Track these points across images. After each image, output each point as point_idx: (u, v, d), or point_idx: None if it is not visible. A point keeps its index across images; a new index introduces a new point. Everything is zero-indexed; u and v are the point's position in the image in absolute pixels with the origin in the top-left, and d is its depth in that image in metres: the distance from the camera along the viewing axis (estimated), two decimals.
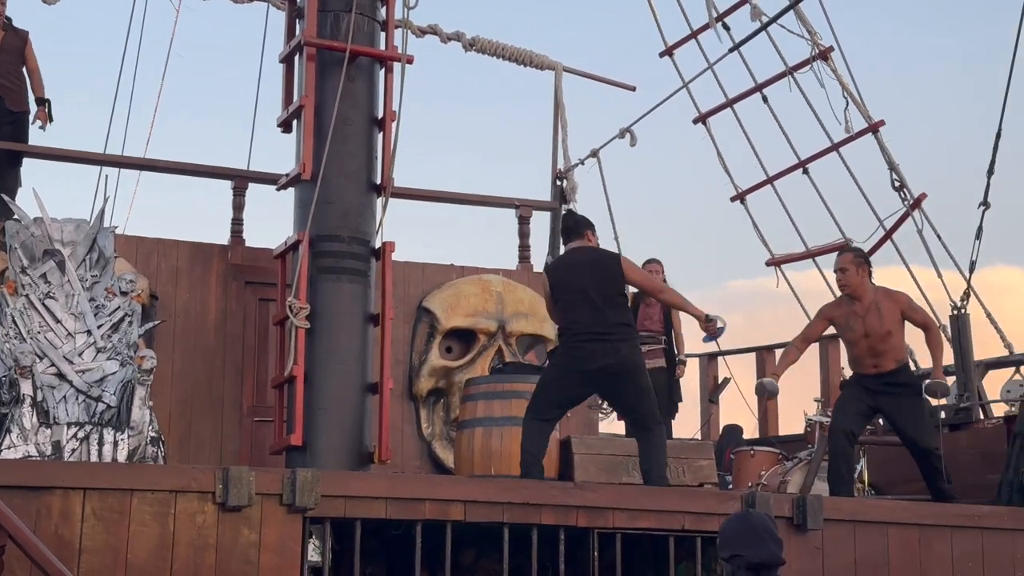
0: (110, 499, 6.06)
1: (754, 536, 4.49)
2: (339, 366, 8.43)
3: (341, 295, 8.53)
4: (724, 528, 4.63)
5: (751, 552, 4.45)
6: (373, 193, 8.86)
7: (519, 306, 10.59)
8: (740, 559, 4.46)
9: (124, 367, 7.95)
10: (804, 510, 7.39)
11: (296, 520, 6.41)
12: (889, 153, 11.54)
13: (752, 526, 4.54)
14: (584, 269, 7.76)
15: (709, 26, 12.68)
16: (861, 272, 8.67)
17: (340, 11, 8.82)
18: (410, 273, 10.43)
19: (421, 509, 6.72)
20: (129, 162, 10.85)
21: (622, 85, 12.89)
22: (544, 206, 11.88)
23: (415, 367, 10.31)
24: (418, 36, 11.80)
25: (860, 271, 8.67)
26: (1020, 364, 10.96)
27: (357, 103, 8.80)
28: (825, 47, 11.83)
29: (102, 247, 8.25)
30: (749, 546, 4.47)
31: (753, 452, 9.81)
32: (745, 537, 4.50)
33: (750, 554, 4.45)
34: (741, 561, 4.46)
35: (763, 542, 4.48)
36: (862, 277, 8.66)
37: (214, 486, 6.23)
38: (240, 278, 9.89)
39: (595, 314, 7.60)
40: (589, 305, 7.63)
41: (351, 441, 8.42)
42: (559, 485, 7.40)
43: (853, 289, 8.63)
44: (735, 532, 4.55)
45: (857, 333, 8.60)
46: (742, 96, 12.65)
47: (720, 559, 4.61)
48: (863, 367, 8.60)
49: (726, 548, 4.54)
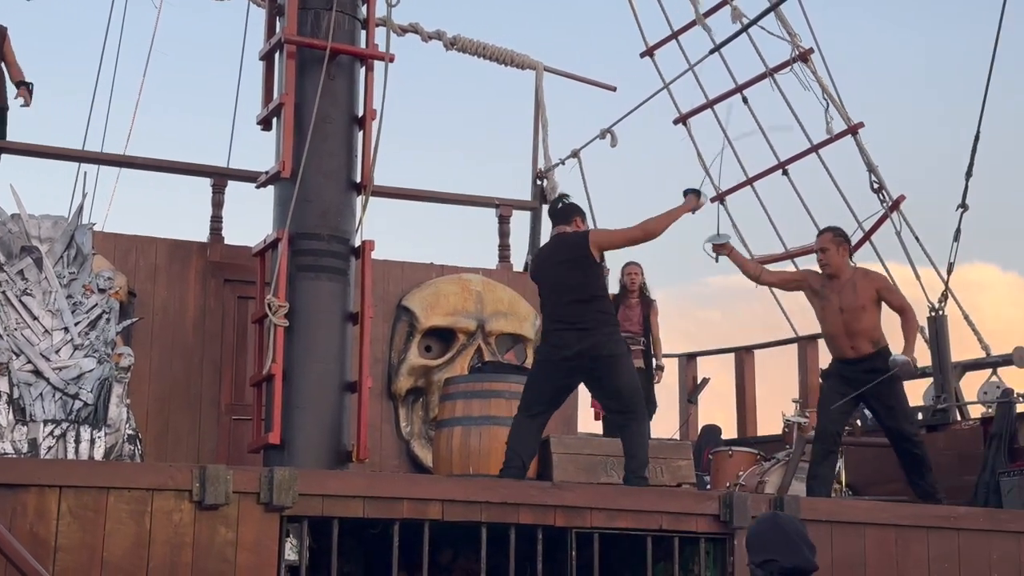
0: (86, 497, 6.04)
1: (787, 541, 4.38)
2: (318, 364, 8.42)
3: (320, 293, 8.52)
4: (754, 532, 4.50)
5: (786, 557, 4.34)
6: (353, 191, 8.84)
7: (499, 305, 10.60)
8: (773, 564, 4.34)
9: (101, 364, 7.91)
10: (782, 510, 7.39)
11: (273, 519, 6.39)
12: (868, 155, 11.57)
13: (784, 530, 4.42)
14: (557, 257, 7.82)
15: (690, 27, 12.71)
16: (841, 251, 8.74)
17: (321, 9, 8.81)
18: (389, 272, 10.42)
19: (399, 508, 6.71)
20: (108, 159, 10.82)
21: (603, 85, 12.90)
22: (524, 206, 11.88)
23: (394, 366, 10.30)
24: (399, 35, 11.78)
25: (840, 249, 8.74)
26: (997, 366, 10.99)
27: (337, 101, 8.79)
28: (805, 49, 11.86)
29: (80, 244, 8.20)
30: (783, 551, 4.35)
31: (731, 452, 9.84)
32: (778, 541, 4.39)
33: (784, 559, 4.33)
34: (774, 567, 4.34)
35: (798, 547, 4.37)
36: (842, 255, 8.73)
37: (191, 484, 6.21)
38: (219, 276, 9.87)
39: (570, 305, 7.63)
40: (565, 296, 7.67)
41: (329, 440, 8.40)
42: (537, 485, 7.40)
43: (834, 268, 8.69)
44: (766, 536, 4.44)
45: (832, 305, 8.63)
46: (723, 97, 12.68)
47: (751, 564, 4.47)
48: (841, 349, 8.60)
49: (758, 552, 4.41)
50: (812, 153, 11.97)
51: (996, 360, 11.08)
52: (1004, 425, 9.80)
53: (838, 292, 8.62)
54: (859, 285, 8.59)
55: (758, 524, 4.53)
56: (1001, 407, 10.01)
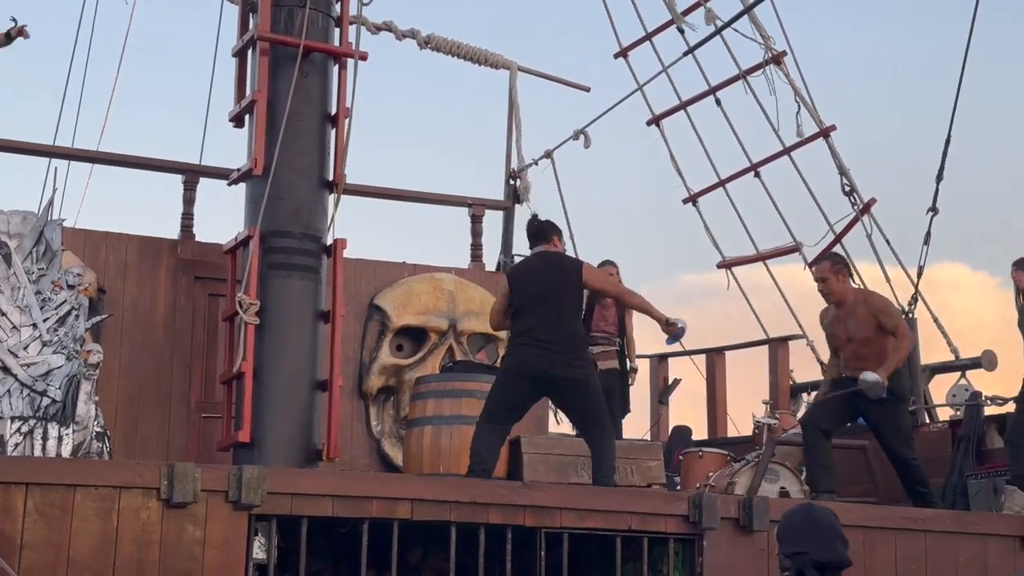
0: (53, 494, 6.00)
1: (820, 534, 4.33)
2: (288, 363, 8.40)
3: (291, 292, 8.49)
4: (786, 522, 4.44)
5: (818, 551, 4.28)
6: (325, 190, 8.82)
7: (470, 305, 10.59)
8: (804, 556, 4.28)
9: (70, 361, 7.86)
10: (751, 511, 7.42)
11: (242, 517, 6.36)
12: (840, 158, 11.63)
13: (818, 523, 4.37)
14: (544, 275, 7.76)
15: (664, 28, 12.73)
16: (841, 278, 8.77)
17: (294, 6, 8.78)
18: (362, 270, 10.39)
19: (368, 507, 6.70)
20: (79, 154, 10.76)
21: (577, 86, 12.91)
22: (497, 205, 11.88)
23: (365, 365, 10.28)
24: (373, 33, 11.76)
25: (840, 277, 8.77)
26: (966, 369, 11.07)
27: (310, 99, 8.76)
28: (778, 52, 11.90)
29: (49, 240, 8.15)
30: (816, 544, 4.30)
31: (701, 453, 9.84)
32: (810, 534, 4.33)
33: (817, 553, 4.28)
34: (806, 559, 4.27)
35: (831, 540, 4.32)
36: (843, 283, 8.77)
37: (159, 482, 6.18)
38: (190, 273, 9.83)
39: (549, 321, 7.60)
40: (545, 311, 7.63)
41: (299, 438, 8.38)
42: (507, 484, 7.40)
43: (836, 296, 8.75)
44: (799, 528, 4.38)
45: (841, 339, 8.75)
46: (696, 99, 12.71)
47: (781, 554, 4.39)
48: (851, 371, 8.68)
49: (789, 544, 4.35)
50: (784, 155, 12.02)
51: (965, 363, 11.16)
52: (972, 428, 9.88)
53: (844, 322, 8.69)
54: (859, 312, 8.63)
55: (790, 515, 4.46)
56: (969, 410, 10.08)
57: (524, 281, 7.82)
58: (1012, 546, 8.12)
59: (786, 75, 11.81)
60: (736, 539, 7.40)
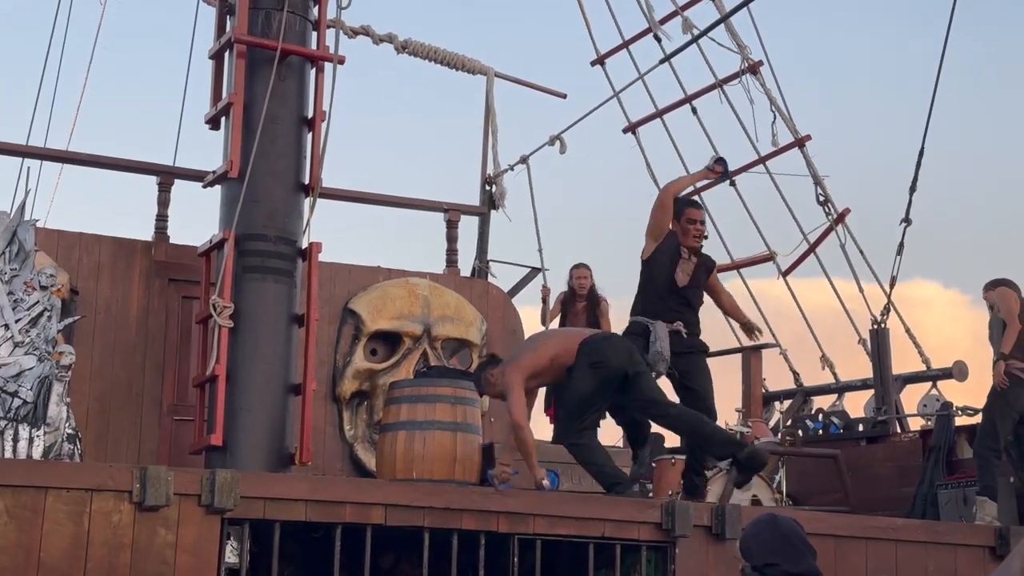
0: (24, 496, 5.96)
1: (789, 546, 4.31)
2: (262, 366, 8.37)
3: (266, 295, 8.47)
4: (752, 534, 4.42)
5: (789, 562, 4.26)
6: (301, 193, 8.81)
7: (445, 310, 10.58)
8: (775, 568, 4.26)
9: (42, 362, 7.81)
10: (723, 519, 7.44)
11: (214, 521, 6.34)
12: (815, 167, 11.70)
13: (785, 535, 4.35)
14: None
15: (641, 36, 12.77)
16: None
17: (272, 9, 8.76)
18: (336, 274, 10.37)
19: (341, 512, 6.68)
20: (52, 154, 10.70)
21: (553, 92, 12.91)
22: (472, 210, 11.87)
23: (339, 369, 10.26)
24: (350, 37, 11.74)
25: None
26: (937, 379, 11.14)
27: (287, 102, 8.75)
28: (755, 61, 11.96)
29: (22, 240, 8.10)
30: (785, 555, 4.28)
31: (674, 461, 9.85)
32: (778, 546, 4.31)
33: (788, 564, 4.26)
34: (776, 571, 4.25)
35: (800, 553, 4.30)
36: None
37: (131, 485, 6.15)
38: (164, 275, 9.78)
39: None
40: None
41: (272, 442, 8.35)
42: (480, 490, 7.40)
43: None
44: (766, 540, 4.36)
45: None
46: (672, 107, 12.76)
47: (749, 568, 4.36)
48: None
49: (758, 557, 4.32)
50: (759, 164, 12.07)
51: (936, 373, 11.23)
52: (943, 438, 9.94)
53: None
54: None
55: (755, 527, 4.43)
56: (940, 420, 10.15)
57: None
58: (981, 556, 8.17)
59: (762, 84, 11.87)
60: (708, 547, 7.43)
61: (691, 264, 8.48)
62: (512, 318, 11.26)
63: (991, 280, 9.30)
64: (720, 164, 8.68)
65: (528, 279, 12.14)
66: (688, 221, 8.53)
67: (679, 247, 8.45)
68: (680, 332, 8.32)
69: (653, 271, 8.44)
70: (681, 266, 8.43)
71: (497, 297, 11.29)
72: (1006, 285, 9.15)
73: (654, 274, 8.43)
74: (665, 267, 8.40)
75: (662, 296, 8.37)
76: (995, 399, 8.94)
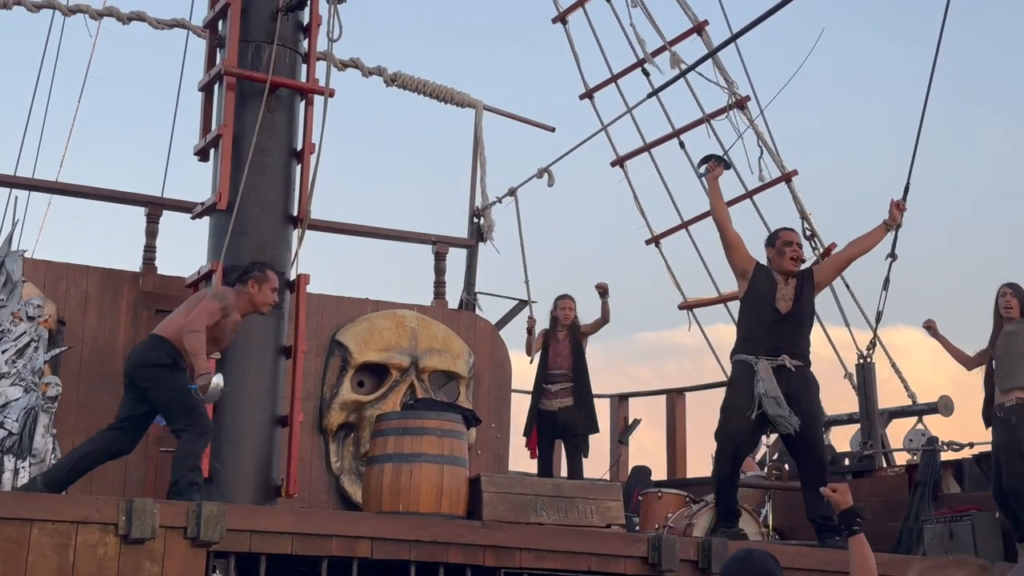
0: (9, 529, 5.94)
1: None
2: (249, 398, 8.36)
3: (253, 326, 8.46)
4: (725, 570, 4.48)
5: None
6: (289, 225, 8.83)
7: (432, 342, 10.59)
8: None
9: (28, 393, 7.81)
10: (709, 553, 7.44)
11: (200, 554, 6.32)
12: (801, 202, 11.73)
13: (757, 572, 4.41)
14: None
15: (630, 71, 12.83)
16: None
17: (262, 42, 8.81)
18: (324, 306, 10.38)
19: (328, 545, 6.67)
20: (41, 185, 10.71)
21: (542, 125, 12.98)
22: (460, 243, 11.91)
23: (326, 400, 10.25)
24: (340, 69, 11.81)
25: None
26: (923, 414, 11.15)
27: (276, 134, 8.78)
28: (742, 96, 12.01)
29: (10, 271, 8.11)
30: None
31: (660, 494, 9.86)
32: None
33: None
34: None
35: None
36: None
37: (117, 518, 6.14)
38: (151, 306, 9.77)
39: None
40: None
41: (259, 474, 8.34)
42: (467, 524, 7.39)
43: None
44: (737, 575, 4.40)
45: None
46: (660, 141, 12.80)
47: None
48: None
49: None
50: (747, 199, 12.11)
51: (922, 408, 11.25)
52: (928, 473, 9.94)
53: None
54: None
55: (730, 563, 4.49)
56: (926, 455, 10.15)
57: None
58: None
59: (749, 119, 11.92)
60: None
61: (790, 288, 8.46)
62: (499, 350, 11.28)
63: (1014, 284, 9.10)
64: (713, 160, 8.71)
65: (515, 311, 12.16)
66: (784, 244, 8.56)
67: (773, 274, 8.48)
68: (786, 366, 8.28)
69: (749, 307, 8.48)
70: (780, 292, 8.43)
71: (484, 329, 11.30)
72: None
73: (752, 309, 8.45)
74: (765, 296, 8.40)
75: (762, 331, 8.36)
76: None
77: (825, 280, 8.84)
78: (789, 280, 8.48)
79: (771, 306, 8.36)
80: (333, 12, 8.78)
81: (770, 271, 8.51)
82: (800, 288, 8.48)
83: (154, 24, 11.43)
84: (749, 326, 8.47)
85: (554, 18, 13.30)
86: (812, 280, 8.60)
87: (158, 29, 11.47)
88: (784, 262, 8.50)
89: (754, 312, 8.43)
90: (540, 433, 10.87)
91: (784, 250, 8.54)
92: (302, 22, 9.12)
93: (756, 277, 8.47)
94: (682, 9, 12.32)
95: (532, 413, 10.87)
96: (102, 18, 11.25)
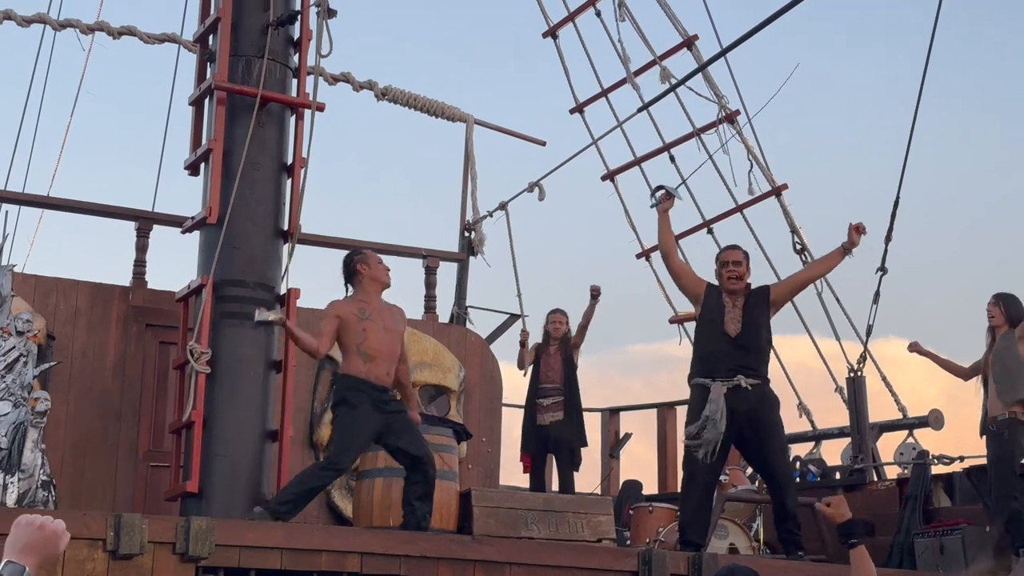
0: None
1: None
2: (239, 412, 8.35)
3: (244, 341, 8.46)
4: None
5: None
6: (280, 239, 8.82)
7: (423, 356, 10.58)
8: None
9: (17, 408, 7.79)
10: (700, 568, 7.43)
11: (189, 569, 6.31)
12: (791, 216, 11.75)
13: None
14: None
15: (620, 85, 12.85)
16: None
17: (252, 56, 8.82)
18: (315, 320, 10.35)
19: (317, 560, 6.66)
20: (30, 200, 10.69)
21: (532, 140, 13.00)
22: (451, 257, 11.91)
23: (317, 415, 10.23)
24: (330, 84, 11.81)
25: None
26: (913, 427, 11.15)
27: (266, 148, 8.78)
28: (732, 111, 12.04)
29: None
30: None
31: (651, 508, 9.84)
32: None
33: None
34: None
35: None
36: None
37: (105, 533, 6.12)
38: (141, 320, 9.76)
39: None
40: None
41: (248, 489, 8.31)
42: (457, 538, 7.38)
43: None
44: None
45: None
46: (650, 155, 12.82)
47: None
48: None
49: None
50: (737, 213, 12.12)
51: (912, 422, 11.25)
52: (919, 486, 9.94)
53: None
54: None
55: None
56: (916, 468, 10.15)
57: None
58: None
59: (739, 133, 11.94)
60: None
61: (738, 310, 8.37)
62: (490, 364, 11.27)
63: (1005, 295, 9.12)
64: (664, 192, 8.63)
65: (507, 325, 12.16)
66: (720, 265, 8.52)
67: (722, 296, 8.39)
68: (741, 385, 8.21)
69: (701, 330, 8.43)
70: (728, 315, 8.35)
71: (475, 343, 11.30)
72: None
73: (703, 332, 8.40)
74: (714, 321, 8.32)
75: (716, 354, 8.28)
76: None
77: (781, 299, 8.67)
78: (737, 301, 8.39)
79: (720, 330, 8.30)
80: (323, 27, 8.79)
81: (720, 293, 8.45)
82: (751, 309, 8.38)
83: (145, 39, 11.42)
84: (703, 349, 8.43)
85: (544, 33, 13.33)
86: (767, 299, 8.48)
87: (149, 44, 11.46)
88: (723, 283, 8.45)
89: (706, 335, 8.39)
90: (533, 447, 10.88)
91: (721, 271, 8.50)
92: (292, 37, 9.12)
93: (707, 299, 8.42)
94: (672, 24, 12.35)
95: (529, 429, 10.87)
96: (93, 33, 11.24)
